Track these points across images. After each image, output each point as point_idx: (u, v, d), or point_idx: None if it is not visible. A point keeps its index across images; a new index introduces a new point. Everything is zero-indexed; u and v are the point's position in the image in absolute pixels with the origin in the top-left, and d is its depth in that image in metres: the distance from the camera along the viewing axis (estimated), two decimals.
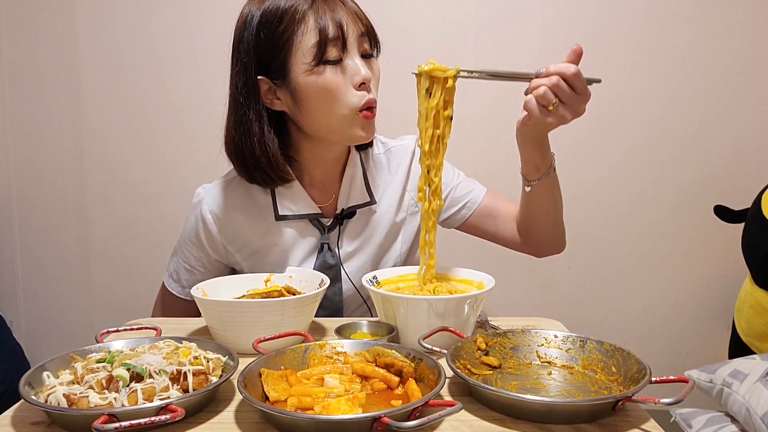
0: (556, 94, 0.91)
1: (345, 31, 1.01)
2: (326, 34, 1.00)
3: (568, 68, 0.91)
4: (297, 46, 1.01)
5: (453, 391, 0.78)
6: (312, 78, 1.01)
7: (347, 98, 1.03)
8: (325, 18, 1.00)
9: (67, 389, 0.69)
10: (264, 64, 1.05)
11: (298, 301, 0.92)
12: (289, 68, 1.03)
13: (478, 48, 1.84)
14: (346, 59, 1.02)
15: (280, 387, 0.73)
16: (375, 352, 0.80)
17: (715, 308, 1.96)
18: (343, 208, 1.17)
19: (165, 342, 0.82)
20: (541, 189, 1.07)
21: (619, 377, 0.79)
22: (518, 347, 0.88)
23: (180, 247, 1.22)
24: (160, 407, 0.66)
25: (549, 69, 0.92)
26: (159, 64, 1.86)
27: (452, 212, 1.23)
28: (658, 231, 1.93)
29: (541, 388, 0.79)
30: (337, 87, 1.02)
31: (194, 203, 1.19)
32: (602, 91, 1.84)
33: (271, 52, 1.03)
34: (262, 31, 1.03)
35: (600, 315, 1.98)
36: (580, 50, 0.93)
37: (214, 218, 1.15)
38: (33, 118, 1.91)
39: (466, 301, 0.91)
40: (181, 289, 1.21)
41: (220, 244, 1.17)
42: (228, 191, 1.17)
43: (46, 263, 1.99)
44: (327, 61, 1.01)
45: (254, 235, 1.16)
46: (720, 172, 1.89)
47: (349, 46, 1.02)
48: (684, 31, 1.83)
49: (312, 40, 1.00)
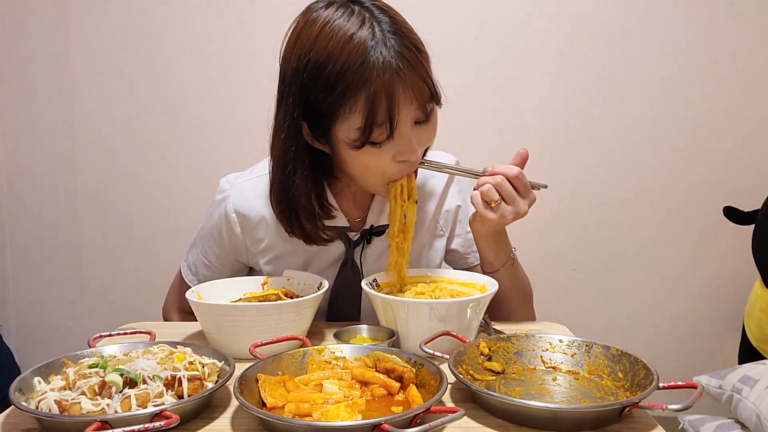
0: (499, 192, 0.99)
1: (396, 117, 0.93)
2: (374, 120, 0.92)
3: (512, 170, 0.99)
4: (343, 120, 0.95)
5: (455, 398, 0.78)
6: (354, 153, 0.97)
7: (385, 172, 1.00)
8: (378, 99, 0.91)
9: (59, 395, 0.69)
10: (307, 115, 1.00)
11: (295, 305, 0.92)
12: (332, 134, 0.98)
13: (481, 45, 1.84)
14: (394, 137, 0.96)
15: (277, 393, 0.73)
16: (375, 357, 0.80)
17: (725, 312, 1.96)
18: (372, 225, 1.15)
19: (159, 347, 0.82)
20: (502, 277, 1.09)
21: (626, 383, 0.79)
22: (522, 352, 0.87)
23: (201, 241, 1.21)
24: (154, 414, 0.66)
25: (495, 169, 1.00)
26: (154, 60, 1.87)
27: (460, 254, 1.24)
28: (665, 232, 1.93)
29: (545, 394, 0.79)
30: (378, 164, 0.98)
31: (218, 199, 1.16)
32: (607, 90, 1.86)
33: (316, 113, 0.98)
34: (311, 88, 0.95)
35: (606, 319, 1.98)
36: (526, 154, 1.02)
37: (239, 218, 1.13)
38: (24, 115, 1.92)
39: (469, 305, 0.91)
40: (197, 282, 1.20)
41: (242, 245, 1.15)
42: (257, 189, 1.13)
43: (37, 265, 1.99)
44: (372, 143, 0.96)
45: (278, 240, 1.13)
46: (729, 172, 1.89)
47: (400, 127, 0.95)
48: (692, 26, 1.83)
49: (358, 124, 0.93)
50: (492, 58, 1.85)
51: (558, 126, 1.89)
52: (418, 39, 0.96)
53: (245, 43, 1.83)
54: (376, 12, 0.94)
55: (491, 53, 1.84)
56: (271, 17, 1.79)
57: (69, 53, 1.87)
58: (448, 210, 1.21)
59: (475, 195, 1.01)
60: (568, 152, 1.90)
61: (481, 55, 1.85)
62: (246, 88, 1.85)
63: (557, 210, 1.91)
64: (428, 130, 1.01)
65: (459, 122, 1.80)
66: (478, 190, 1.01)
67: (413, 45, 0.94)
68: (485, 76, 1.85)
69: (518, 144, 1.07)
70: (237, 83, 1.86)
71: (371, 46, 0.91)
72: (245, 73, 1.85)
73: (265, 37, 1.80)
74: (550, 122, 1.88)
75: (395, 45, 0.92)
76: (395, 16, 0.96)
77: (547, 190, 1.04)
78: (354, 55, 0.90)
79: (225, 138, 1.89)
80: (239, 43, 1.83)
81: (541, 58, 1.85)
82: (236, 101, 1.86)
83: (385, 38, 0.91)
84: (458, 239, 1.24)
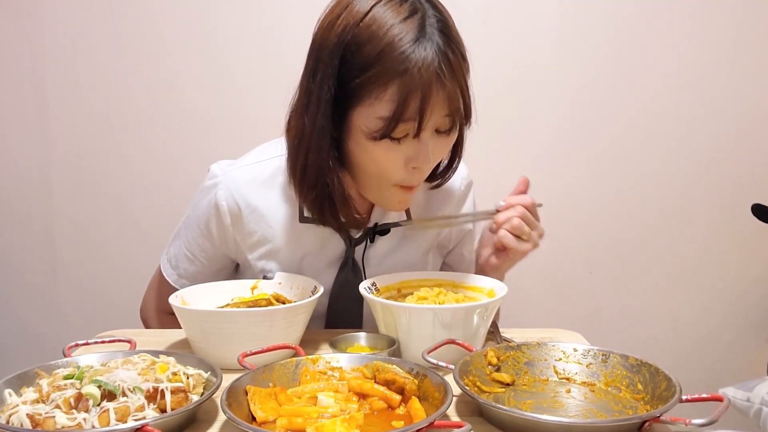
0: (526, 222, 1.06)
1: (426, 117, 0.94)
2: (402, 114, 0.93)
3: (525, 199, 1.07)
4: (367, 108, 0.96)
5: (461, 411, 0.78)
6: (368, 144, 0.98)
7: (392, 174, 1.01)
8: (412, 94, 0.92)
9: (31, 409, 0.69)
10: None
11: (288, 311, 0.93)
12: (349, 119, 0.99)
13: (488, 29, 1.84)
14: (412, 138, 0.98)
15: (268, 406, 0.73)
16: (374, 367, 0.80)
17: (753, 318, 1.96)
18: (377, 223, 1.15)
19: (140, 356, 0.82)
20: None
21: (646, 395, 0.79)
22: (533, 362, 0.88)
23: (185, 231, 1.19)
24: (134, 429, 0.66)
25: (510, 201, 1.07)
26: (134, 49, 1.86)
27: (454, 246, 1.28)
28: (689, 232, 1.93)
29: (558, 408, 0.79)
30: (388, 164, 0.99)
31: (208, 185, 1.15)
32: (624, 81, 1.85)
33: (340, 93, 0.98)
34: (342, 68, 0.96)
35: (624, 326, 1.98)
36: (528, 181, 1.11)
37: (230, 208, 1.12)
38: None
39: (476, 311, 0.91)
40: (176, 277, 1.19)
41: (231, 238, 1.14)
42: (251, 177, 1.13)
43: (7, 268, 1.99)
44: (392, 138, 0.96)
45: (271, 235, 1.13)
46: (757, 168, 1.89)
47: (426, 129, 0.96)
48: (718, 25, 1.83)
49: (384, 113, 0.94)
50: (500, 42, 1.85)
51: (571, 117, 1.88)
52: (464, 46, 0.99)
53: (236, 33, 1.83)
54: (428, 7, 0.96)
55: (499, 37, 1.84)
56: (267, 6, 1.80)
57: (42, 39, 1.86)
58: (455, 229, 1.23)
59: (505, 234, 1.06)
60: (583, 146, 1.89)
61: (489, 40, 1.84)
62: (238, 80, 1.84)
63: (571, 207, 1.90)
64: (445, 144, 1.03)
65: None
66: (505, 229, 1.05)
67: (459, 50, 0.97)
68: (493, 62, 1.85)
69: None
70: (228, 75, 1.85)
71: (418, 38, 0.92)
72: (239, 64, 1.84)
73: (261, 31, 1.80)
74: (562, 113, 1.88)
75: (441, 44, 0.94)
76: (447, 17, 0.98)
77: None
78: (398, 41, 0.92)
79: (213, 131, 1.89)
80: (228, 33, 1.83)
81: (553, 44, 1.85)
82: (225, 93, 1.86)
83: (433, 34, 0.93)
84: (454, 257, 1.29)
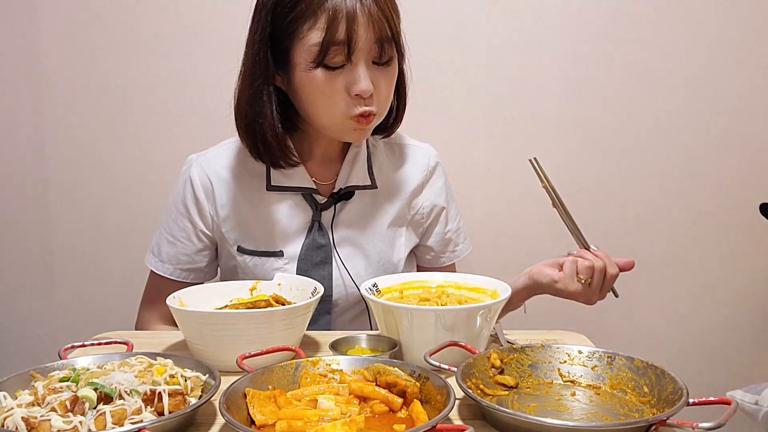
0: (593, 275, 1.11)
1: (355, 39, 1.04)
2: (332, 38, 1.03)
3: (614, 268, 1.12)
4: (302, 40, 1.06)
5: (463, 414, 0.78)
6: (309, 76, 1.07)
7: (339, 105, 1.09)
8: (338, 18, 1.02)
9: (26, 412, 0.69)
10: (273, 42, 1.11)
11: (287, 312, 0.93)
12: (290, 58, 1.08)
13: (492, 24, 1.84)
14: (350, 66, 1.06)
15: (267, 409, 0.73)
16: (375, 369, 0.80)
17: (761, 319, 1.96)
18: (341, 188, 1.22)
19: (137, 358, 0.82)
20: None
21: (652, 398, 0.79)
22: (537, 364, 0.88)
23: (165, 218, 1.27)
24: None
25: (600, 254, 1.13)
26: (130, 44, 1.86)
27: (434, 252, 1.36)
28: (695, 231, 1.93)
29: (563, 411, 0.79)
30: (331, 93, 1.08)
31: (183, 169, 1.26)
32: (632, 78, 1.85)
33: (279, 35, 1.08)
34: (277, 8, 1.07)
35: (630, 327, 1.98)
36: (632, 265, 1.15)
37: (203, 182, 1.22)
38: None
39: (479, 312, 0.91)
40: (160, 264, 1.25)
41: (207, 211, 1.22)
42: (220, 155, 1.25)
43: (2, 269, 1.99)
44: (327, 66, 1.06)
45: (243, 204, 1.22)
46: (765, 167, 1.89)
47: (357, 53, 1.05)
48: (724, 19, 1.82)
49: (316, 40, 1.04)
50: (503, 39, 1.84)
51: (578, 115, 1.88)
52: None
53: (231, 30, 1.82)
54: None
55: (503, 34, 1.84)
56: None
57: (38, 36, 1.86)
58: (426, 206, 1.30)
59: (572, 263, 1.11)
60: (590, 146, 1.89)
61: (492, 37, 1.84)
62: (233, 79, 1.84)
63: (578, 208, 1.89)
64: (386, 77, 1.10)
65: (468, 108, 1.79)
66: (577, 260, 1.11)
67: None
68: (496, 58, 1.85)
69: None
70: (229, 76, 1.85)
71: None
72: (239, 64, 1.84)
73: None
74: (569, 111, 1.87)
75: None
76: None
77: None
78: None
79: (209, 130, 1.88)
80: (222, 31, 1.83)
81: (559, 40, 1.85)
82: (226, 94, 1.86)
83: None
84: (436, 237, 1.33)
